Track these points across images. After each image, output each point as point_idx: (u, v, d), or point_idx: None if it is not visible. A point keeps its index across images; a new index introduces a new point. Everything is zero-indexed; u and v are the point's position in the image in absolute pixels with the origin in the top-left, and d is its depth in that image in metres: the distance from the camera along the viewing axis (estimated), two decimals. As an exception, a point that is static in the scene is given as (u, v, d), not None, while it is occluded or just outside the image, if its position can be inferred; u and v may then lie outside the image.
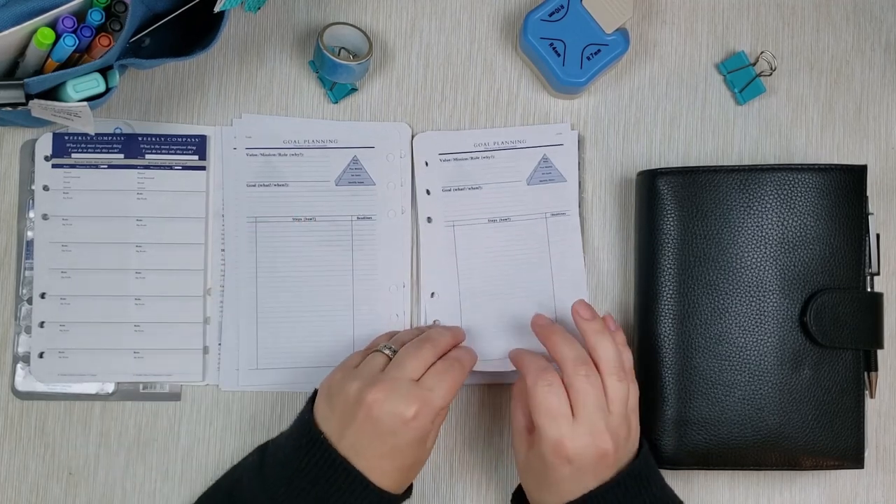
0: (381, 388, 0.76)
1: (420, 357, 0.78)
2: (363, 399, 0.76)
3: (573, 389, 0.76)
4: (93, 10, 0.76)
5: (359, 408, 0.76)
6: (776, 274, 0.83)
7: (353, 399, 0.76)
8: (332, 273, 0.88)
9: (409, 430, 0.75)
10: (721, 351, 0.83)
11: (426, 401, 0.76)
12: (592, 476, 0.76)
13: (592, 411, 0.76)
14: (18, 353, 0.87)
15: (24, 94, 0.76)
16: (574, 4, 0.86)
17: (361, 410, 0.76)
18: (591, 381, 0.76)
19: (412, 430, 0.76)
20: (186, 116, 0.90)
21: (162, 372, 0.87)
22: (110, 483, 0.87)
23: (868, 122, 0.91)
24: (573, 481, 0.76)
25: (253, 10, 0.85)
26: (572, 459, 0.75)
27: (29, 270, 0.87)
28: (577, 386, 0.76)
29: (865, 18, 0.92)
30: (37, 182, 0.88)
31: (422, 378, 0.77)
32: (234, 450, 0.87)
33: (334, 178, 0.89)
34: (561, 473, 0.76)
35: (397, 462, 0.77)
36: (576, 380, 0.76)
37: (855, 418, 0.83)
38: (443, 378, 0.77)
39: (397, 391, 0.76)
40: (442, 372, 0.78)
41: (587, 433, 0.75)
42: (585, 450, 0.75)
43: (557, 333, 0.80)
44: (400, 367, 0.77)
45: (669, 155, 0.91)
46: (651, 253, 0.85)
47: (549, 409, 0.76)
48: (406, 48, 0.91)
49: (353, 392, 0.77)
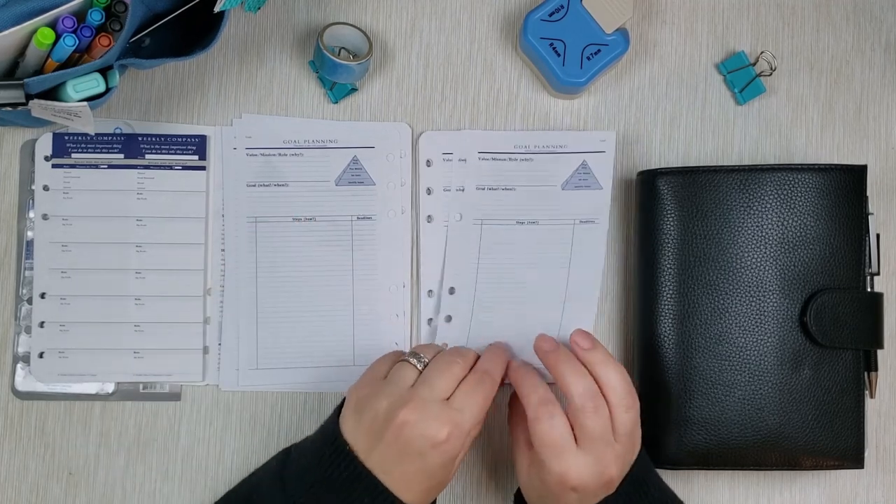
0: (412, 408, 0.74)
1: (450, 373, 0.76)
2: (393, 419, 0.74)
3: (579, 424, 0.75)
4: (93, 10, 0.76)
5: (388, 427, 0.74)
6: (776, 274, 0.83)
7: (382, 417, 0.75)
8: (332, 273, 0.88)
9: (438, 454, 0.74)
10: (721, 351, 0.83)
11: (457, 423, 0.74)
12: (594, 498, 0.76)
13: (599, 443, 0.74)
14: (18, 353, 0.87)
15: (24, 94, 0.76)
16: (574, 4, 0.86)
17: (391, 430, 0.74)
18: (600, 414, 0.75)
19: (442, 454, 0.74)
20: (186, 116, 0.90)
21: (162, 372, 0.87)
22: (110, 483, 0.87)
23: (868, 122, 0.91)
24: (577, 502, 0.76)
25: (253, 10, 0.85)
26: (577, 488, 0.74)
27: (29, 270, 0.87)
28: (583, 422, 0.74)
29: (865, 18, 0.92)
30: (37, 182, 0.88)
31: (452, 396, 0.75)
32: (235, 450, 0.87)
33: (334, 178, 0.89)
34: (566, 500, 0.76)
35: (424, 483, 0.75)
36: (583, 415, 0.74)
37: (855, 418, 0.83)
38: (473, 397, 0.75)
39: (428, 412, 0.74)
40: (471, 391, 0.76)
41: (593, 463, 0.74)
42: (591, 479, 0.74)
43: (564, 362, 0.77)
44: (430, 387, 0.75)
45: (669, 155, 0.91)
46: (651, 253, 0.85)
47: (553, 444, 0.74)
48: (406, 48, 0.91)
49: (382, 410, 0.75)
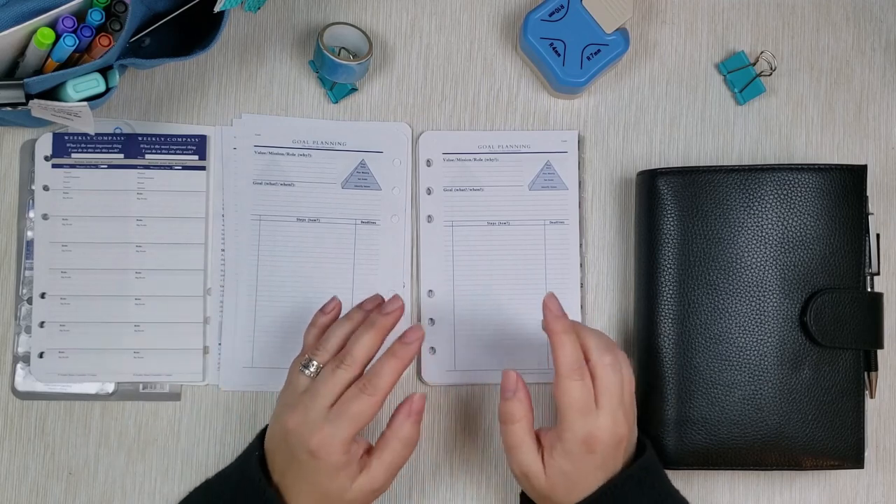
0: (296, 414, 0.75)
1: (335, 381, 0.76)
2: (283, 424, 0.76)
3: (598, 379, 0.76)
4: (93, 10, 0.76)
5: (279, 430, 0.77)
6: (776, 274, 0.84)
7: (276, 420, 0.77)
8: (332, 274, 0.88)
9: (316, 464, 0.74)
10: (721, 351, 0.83)
11: (330, 433, 0.74)
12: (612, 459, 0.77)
13: (614, 401, 0.76)
14: (18, 353, 0.87)
15: (24, 94, 0.76)
16: (574, 4, 0.86)
17: (279, 434, 0.77)
18: (615, 370, 0.77)
19: (319, 464, 0.74)
20: (186, 116, 0.90)
21: (162, 372, 0.87)
22: (110, 483, 0.87)
23: (868, 122, 0.91)
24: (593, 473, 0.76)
25: (253, 10, 0.85)
26: (597, 450, 0.76)
27: (29, 270, 0.87)
28: (601, 375, 0.76)
29: (865, 18, 0.92)
30: (37, 182, 0.88)
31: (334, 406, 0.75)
32: (235, 450, 0.87)
33: (341, 181, 0.89)
34: (585, 466, 0.76)
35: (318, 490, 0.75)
36: (602, 369, 0.77)
37: (855, 418, 0.83)
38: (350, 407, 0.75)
39: (308, 418, 0.75)
40: (350, 400, 0.75)
41: (610, 421, 0.76)
42: (610, 438, 0.76)
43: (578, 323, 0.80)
44: (313, 395, 0.76)
45: (669, 155, 0.91)
46: (651, 253, 0.85)
47: (580, 405, 0.76)
48: (406, 48, 0.91)
49: (277, 413, 0.78)
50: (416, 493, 0.88)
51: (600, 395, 0.76)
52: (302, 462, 0.75)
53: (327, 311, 0.82)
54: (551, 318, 0.77)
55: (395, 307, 0.79)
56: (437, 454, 0.88)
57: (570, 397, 0.75)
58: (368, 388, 0.75)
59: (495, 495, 0.88)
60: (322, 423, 0.74)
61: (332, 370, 0.76)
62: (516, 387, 0.77)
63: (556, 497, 0.77)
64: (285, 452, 0.76)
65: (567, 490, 0.77)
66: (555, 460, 0.76)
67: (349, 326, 0.79)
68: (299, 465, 0.75)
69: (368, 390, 0.75)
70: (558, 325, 0.77)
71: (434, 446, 0.88)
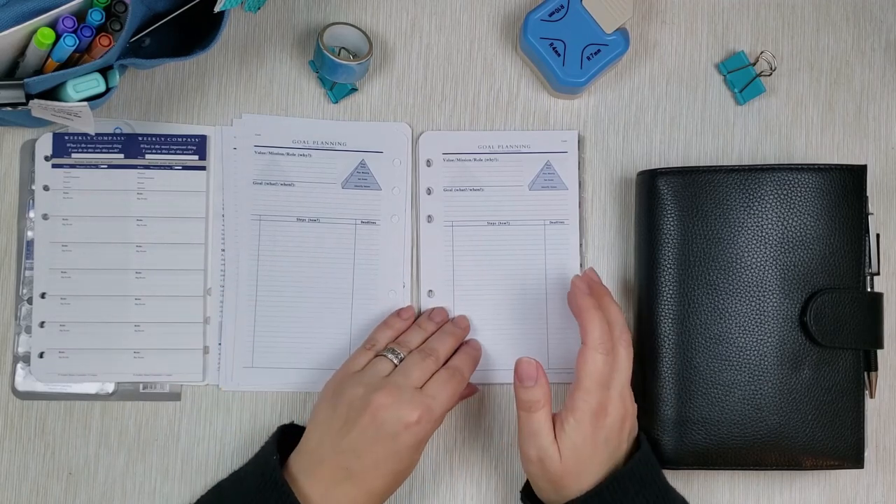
0: (387, 392, 0.79)
1: (424, 367, 0.82)
2: (369, 402, 0.79)
3: (616, 355, 0.80)
4: (93, 10, 0.76)
5: (364, 411, 0.79)
6: (776, 274, 0.83)
7: (358, 402, 0.80)
8: (332, 274, 0.88)
9: (409, 435, 0.79)
10: (721, 351, 0.83)
11: (429, 407, 0.79)
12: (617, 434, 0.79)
13: (623, 377, 0.80)
14: (18, 353, 0.87)
15: (24, 94, 0.76)
16: (574, 4, 0.86)
17: (367, 413, 0.79)
18: (628, 351, 0.81)
19: (413, 435, 0.79)
20: (186, 116, 0.90)
21: (162, 372, 0.87)
22: (110, 483, 0.87)
23: (868, 122, 0.91)
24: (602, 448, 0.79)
25: (253, 10, 0.85)
26: (605, 423, 0.79)
27: (29, 270, 0.87)
28: (619, 353, 0.80)
29: (865, 18, 0.92)
30: (37, 182, 0.88)
31: (424, 386, 0.81)
32: (234, 450, 0.87)
33: (341, 181, 0.89)
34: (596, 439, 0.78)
35: (392, 465, 0.79)
36: (621, 347, 0.81)
37: (855, 418, 0.83)
38: (444, 387, 0.81)
39: (402, 397, 0.79)
40: (444, 382, 0.81)
41: (618, 397, 0.80)
42: (617, 412, 0.79)
43: (607, 296, 0.83)
44: (404, 375, 0.81)
45: (669, 155, 0.91)
46: (651, 253, 0.85)
47: (600, 376, 0.79)
48: (406, 48, 0.91)
49: (358, 395, 0.80)
50: (416, 493, 0.88)
51: (614, 371, 0.80)
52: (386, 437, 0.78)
53: (403, 317, 0.88)
54: (581, 295, 0.82)
55: (466, 323, 0.88)
56: (437, 454, 0.88)
57: (593, 367, 0.79)
58: (457, 374, 0.82)
59: (495, 495, 0.88)
60: (420, 397, 0.80)
61: (420, 359, 0.82)
62: (537, 374, 0.79)
63: (566, 481, 0.79)
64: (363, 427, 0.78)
65: (577, 473, 0.78)
66: (567, 435, 0.78)
67: (423, 334, 0.86)
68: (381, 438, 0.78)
69: (457, 376, 0.82)
70: (587, 301, 0.81)
71: (434, 446, 0.88)
